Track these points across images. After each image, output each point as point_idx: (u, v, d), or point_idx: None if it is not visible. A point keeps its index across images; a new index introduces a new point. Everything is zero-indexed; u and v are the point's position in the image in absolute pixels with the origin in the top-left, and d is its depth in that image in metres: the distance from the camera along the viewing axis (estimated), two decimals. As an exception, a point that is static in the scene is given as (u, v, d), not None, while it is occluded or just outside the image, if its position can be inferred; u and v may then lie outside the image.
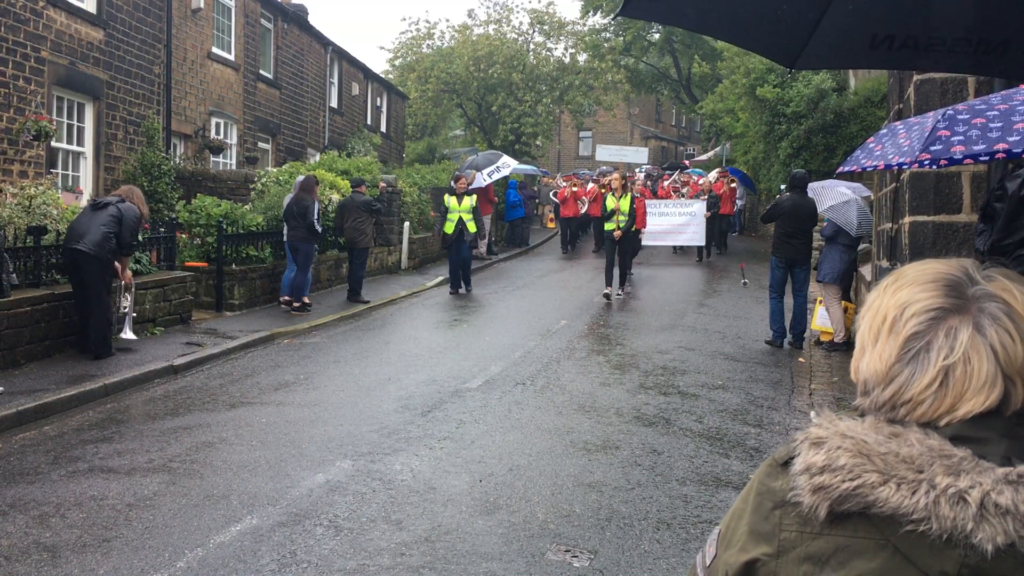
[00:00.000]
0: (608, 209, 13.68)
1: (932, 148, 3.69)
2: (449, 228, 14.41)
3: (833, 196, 10.10)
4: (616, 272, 13.84)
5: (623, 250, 13.82)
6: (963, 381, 1.08)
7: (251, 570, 4.17)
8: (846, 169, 4.77)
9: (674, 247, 21.58)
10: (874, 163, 4.25)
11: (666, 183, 26.10)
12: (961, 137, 3.64)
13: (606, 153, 18.50)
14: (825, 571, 1.06)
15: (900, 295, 1.14)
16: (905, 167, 4.22)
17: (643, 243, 19.10)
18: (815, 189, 10.69)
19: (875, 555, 1.04)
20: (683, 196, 22.72)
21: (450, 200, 14.37)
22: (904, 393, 1.11)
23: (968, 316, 1.09)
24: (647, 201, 19.40)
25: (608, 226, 13.79)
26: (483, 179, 18.10)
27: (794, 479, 1.09)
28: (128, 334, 9.11)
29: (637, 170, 30.45)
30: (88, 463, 5.71)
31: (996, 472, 1.02)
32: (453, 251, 14.44)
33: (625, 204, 13.56)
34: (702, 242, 19.72)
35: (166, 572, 4.14)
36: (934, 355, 1.09)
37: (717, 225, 21.23)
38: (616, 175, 14.09)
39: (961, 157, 3.64)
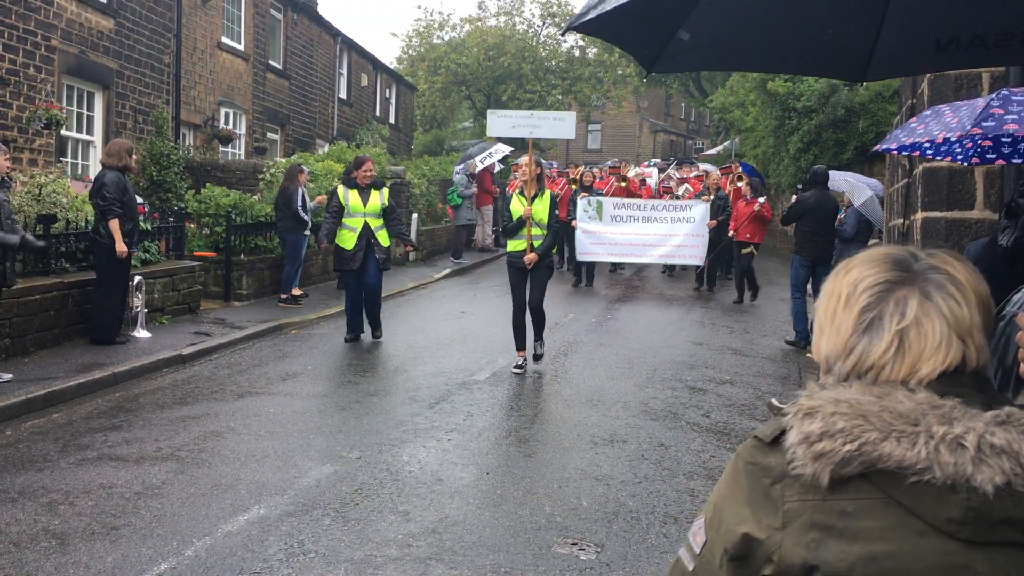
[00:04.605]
0: (514, 217, 8.22)
1: (984, 124, 3.70)
2: (348, 240, 9.16)
3: (862, 192, 10.04)
4: (527, 322, 8.39)
5: (534, 284, 8.28)
6: (918, 342, 1.14)
7: (259, 559, 4.18)
8: (883, 148, 4.72)
9: (665, 267, 16.13)
10: (915, 140, 4.23)
11: (651, 180, 20.97)
12: (1015, 116, 3.65)
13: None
14: (832, 535, 1.08)
15: (851, 275, 1.22)
16: (941, 154, 4.18)
17: (624, 260, 15.28)
18: (837, 181, 10.55)
19: (880, 513, 1.07)
20: (678, 198, 16.86)
21: (349, 196, 9.19)
22: (865, 361, 1.17)
23: (915, 287, 1.17)
24: (627, 200, 15.12)
25: (514, 245, 8.31)
26: (477, 167, 17.95)
27: (792, 451, 1.12)
28: (141, 332, 9.10)
29: (646, 164, 29.84)
30: (97, 451, 5.73)
31: (985, 416, 1.08)
32: (354, 276, 9.38)
33: (542, 209, 8.10)
34: (702, 260, 14.10)
35: (174, 560, 4.15)
36: (887, 322, 1.16)
37: (726, 244, 14.10)
38: (524, 160, 8.63)
39: (1013, 132, 3.64)
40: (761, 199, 13.64)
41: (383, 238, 9.31)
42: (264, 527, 4.55)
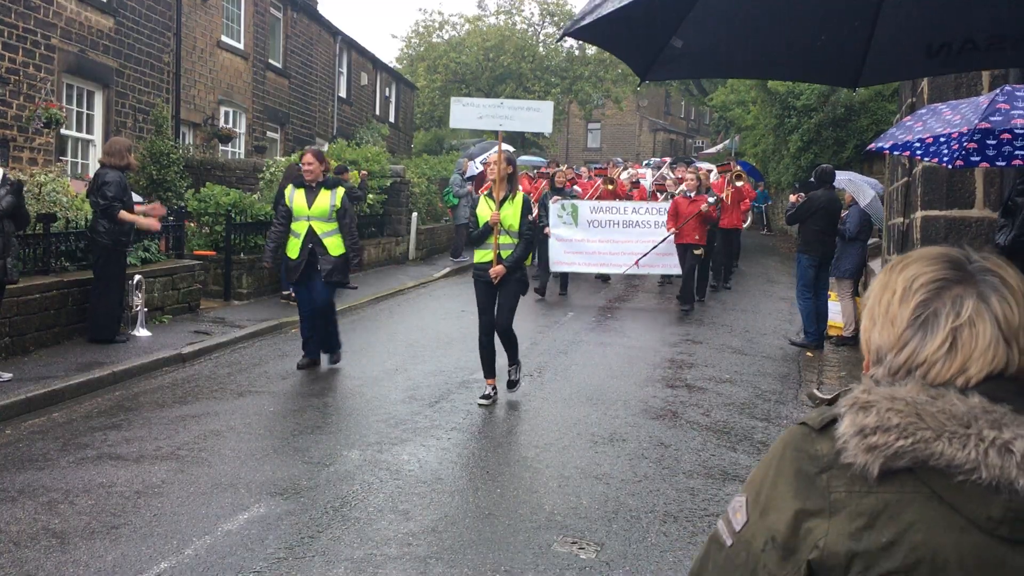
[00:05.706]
0: (480, 223, 7.12)
1: (992, 119, 3.72)
2: (293, 248, 8.01)
3: (865, 191, 10.03)
4: (496, 345, 7.22)
5: (502, 302, 7.09)
6: (970, 343, 1.18)
7: (258, 558, 4.18)
8: (878, 146, 4.70)
9: (663, 277, 14.57)
10: (913, 138, 4.23)
11: (645, 180, 18.94)
12: (1021, 111, 3.66)
13: None
14: (876, 525, 1.13)
15: (908, 271, 1.26)
16: (929, 155, 4.17)
17: (602, 271, 13.88)
18: (841, 180, 10.52)
19: (923, 507, 1.13)
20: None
21: (295, 196, 8.01)
22: (917, 356, 1.21)
23: (972, 287, 1.21)
24: (606, 203, 13.89)
25: (480, 255, 7.19)
26: (474, 168, 17.95)
27: (844, 441, 1.16)
28: (141, 331, 9.10)
29: (640, 165, 29.36)
30: (96, 450, 5.73)
31: None
32: (304, 290, 8.15)
33: (512, 214, 7.00)
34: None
35: (174, 559, 4.16)
36: (942, 320, 1.20)
37: (721, 247, 13.80)
38: (493, 157, 7.33)
39: (1021, 127, 3.65)
40: (710, 199, 12.45)
41: (332, 245, 7.95)
42: (264, 526, 4.56)
